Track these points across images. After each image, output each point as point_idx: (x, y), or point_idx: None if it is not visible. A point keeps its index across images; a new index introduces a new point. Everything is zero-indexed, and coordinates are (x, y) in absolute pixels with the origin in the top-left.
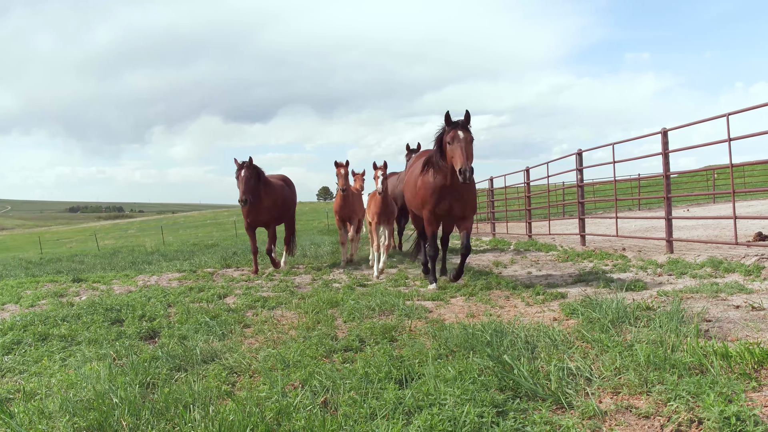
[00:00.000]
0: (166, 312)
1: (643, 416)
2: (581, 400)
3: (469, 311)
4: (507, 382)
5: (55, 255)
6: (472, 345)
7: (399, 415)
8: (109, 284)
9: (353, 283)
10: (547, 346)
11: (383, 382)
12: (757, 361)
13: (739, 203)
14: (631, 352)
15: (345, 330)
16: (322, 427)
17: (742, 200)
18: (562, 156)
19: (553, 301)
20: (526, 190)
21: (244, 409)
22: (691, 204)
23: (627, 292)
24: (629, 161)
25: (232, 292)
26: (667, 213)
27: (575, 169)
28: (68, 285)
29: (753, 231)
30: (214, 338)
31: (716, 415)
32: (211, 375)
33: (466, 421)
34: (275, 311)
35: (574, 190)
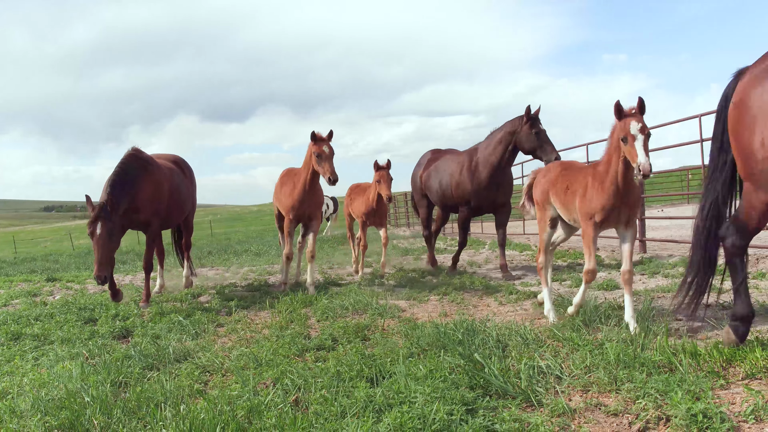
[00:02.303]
0: (139, 311)
1: (612, 414)
2: (551, 398)
3: (442, 310)
4: (478, 380)
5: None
6: (443, 344)
7: (369, 413)
8: (83, 284)
9: (327, 283)
10: (518, 345)
11: (355, 380)
12: (726, 359)
13: None
14: (602, 350)
15: (318, 329)
16: (293, 425)
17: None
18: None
19: (526, 301)
20: None
21: (216, 407)
22: (665, 204)
23: (599, 291)
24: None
25: (206, 291)
26: (641, 213)
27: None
28: (42, 284)
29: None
30: (187, 337)
31: (683, 413)
32: (183, 374)
33: (436, 419)
34: (249, 310)
35: None
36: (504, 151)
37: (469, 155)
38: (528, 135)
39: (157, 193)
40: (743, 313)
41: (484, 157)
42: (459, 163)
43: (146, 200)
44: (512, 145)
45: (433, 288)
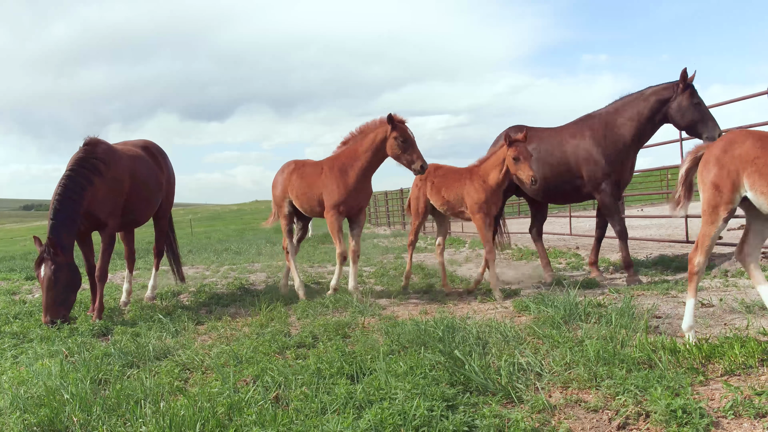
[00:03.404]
0: (119, 309)
1: (591, 410)
2: (531, 394)
3: (422, 308)
4: (458, 377)
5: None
6: (424, 341)
7: (350, 410)
8: None
9: (308, 281)
10: (499, 342)
11: (335, 377)
12: (705, 355)
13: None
14: (582, 347)
15: (299, 327)
16: (273, 421)
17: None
18: None
19: (506, 299)
20: None
21: (196, 404)
22: (645, 204)
23: (579, 289)
24: None
25: (186, 290)
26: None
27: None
28: (21, 283)
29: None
30: (167, 335)
31: (663, 408)
32: (163, 371)
33: (416, 415)
34: (229, 308)
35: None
36: (644, 123)
37: (590, 124)
38: (687, 106)
39: (113, 191)
40: None
41: (615, 126)
42: (578, 137)
43: (100, 201)
44: (661, 116)
45: (413, 286)
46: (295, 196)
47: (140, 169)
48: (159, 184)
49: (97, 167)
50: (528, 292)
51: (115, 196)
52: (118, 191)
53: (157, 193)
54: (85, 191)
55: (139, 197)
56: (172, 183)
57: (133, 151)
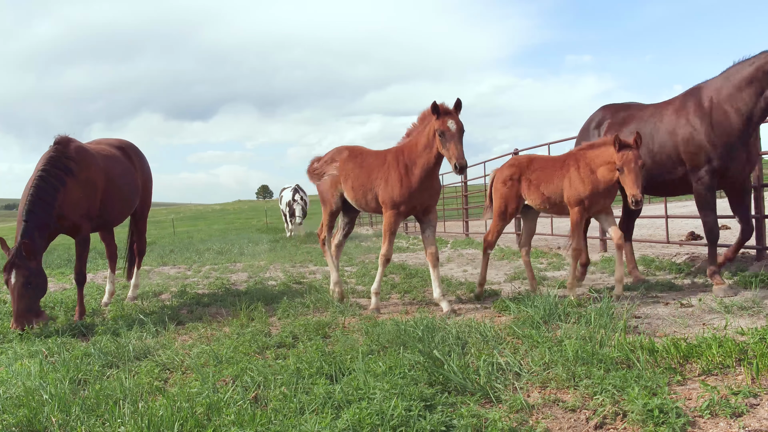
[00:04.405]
0: (100, 309)
1: (569, 410)
2: (509, 394)
3: (403, 308)
4: (437, 377)
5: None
6: (403, 341)
7: (328, 410)
8: None
9: (290, 281)
10: (478, 342)
11: (314, 377)
12: (683, 355)
13: (674, 204)
14: (561, 347)
15: (279, 327)
16: (252, 421)
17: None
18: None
19: (487, 299)
20: (464, 189)
21: (174, 404)
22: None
23: (560, 289)
24: None
25: (167, 290)
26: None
27: None
28: (1, 283)
29: (686, 230)
30: (147, 335)
31: (640, 408)
32: (143, 371)
33: (394, 415)
34: (210, 308)
35: None
36: (759, 96)
37: (695, 98)
38: None
39: (87, 192)
40: None
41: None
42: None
43: (72, 204)
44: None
45: (395, 286)
46: (350, 187)
47: (115, 169)
48: (135, 184)
49: (69, 167)
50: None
51: (88, 197)
52: (92, 192)
53: (134, 194)
54: (58, 192)
55: (114, 198)
56: (150, 183)
57: (106, 151)
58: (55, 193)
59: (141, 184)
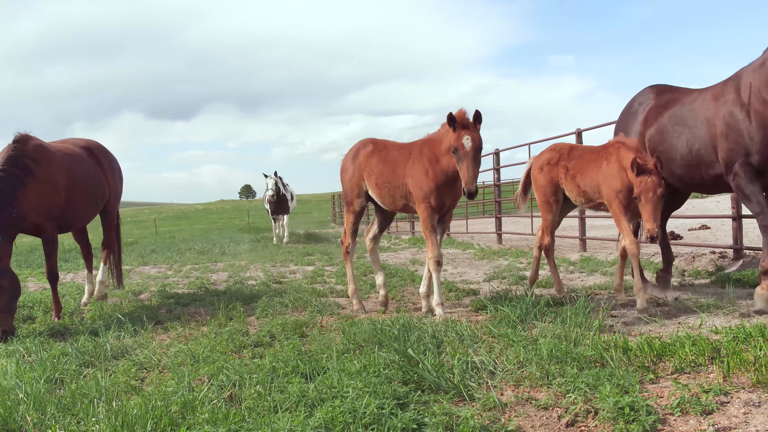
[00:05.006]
0: (79, 309)
1: (542, 407)
2: (483, 392)
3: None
4: (411, 375)
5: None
6: (380, 340)
7: (302, 408)
8: (24, 281)
9: (269, 281)
10: (453, 341)
11: (290, 376)
12: (657, 354)
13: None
14: (536, 346)
15: (257, 326)
16: (225, 419)
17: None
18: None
19: (465, 298)
20: None
21: (149, 402)
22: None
23: (538, 288)
24: None
25: (147, 289)
26: (581, 212)
27: (492, 168)
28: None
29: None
30: (125, 335)
31: (611, 406)
32: (120, 371)
33: (366, 413)
34: (189, 308)
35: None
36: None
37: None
38: None
39: (48, 192)
40: None
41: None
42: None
43: (33, 205)
44: None
45: (374, 285)
46: (374, 184)
47: (78, 168)
48: (100, 184)
49: (28, 167)
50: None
51: (50, 196)
52: (54, 191)
53: (99, 194)
54: (18, 192)
55: (78, 198)
56: (119, 183)
57: (70, 150)
58: (15, 193)
59: (109, 184)
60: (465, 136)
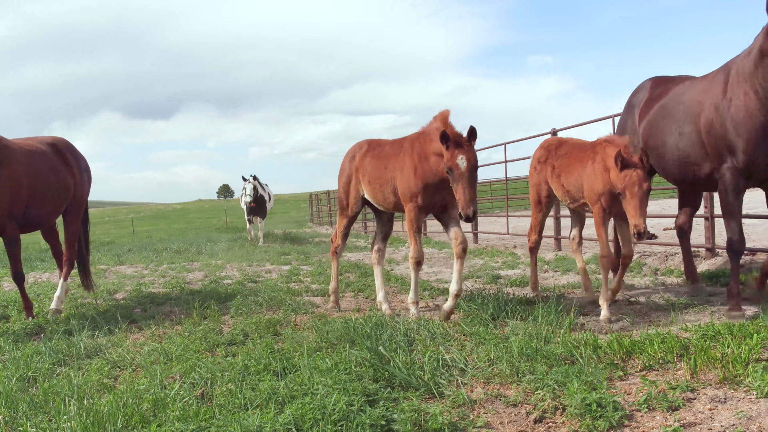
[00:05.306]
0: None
1: (511, 404)
2: (453, 389)
3: (356, 306)
4: (382, 373)
5: None
6: (352, 338)
7: (272, 405)
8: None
9: (245, 280)
10: (425, 339)
11: (262, 374)
12: (626, 351)
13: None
14: (506, 344)
15: (231, 325)
16: (196, 417)
17: None
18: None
19: (439, 297)
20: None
21: (120, 400)
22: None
23: (512, 287)
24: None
25: (122, 289)
26: (556, 212)
27: None
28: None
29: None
30: (100, 334)
31: (578, 402)
32: (93, 369)
33: (335, 409)
34: (164, 307)
35: None
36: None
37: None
38: None
39: (7, 190)
40: None
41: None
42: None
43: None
44: None
45: (349, 285)
46: (367, 182)
47: (41, 166)
48: (65, 183)
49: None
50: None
51: (10, 194)
52: (14, 189)
53: (63, 194)
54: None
55: (40, 196)
56: (85, 183)
57: (33, 147)
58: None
59: (75, 183)
60: (459, 156)
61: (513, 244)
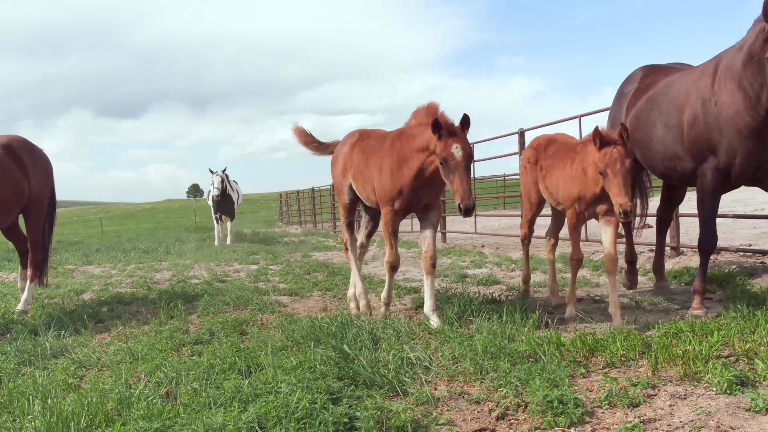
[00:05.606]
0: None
1: (474, 402)
2: (417, 387)
3: (323, 305)
4: (347, 371)
5: None
6: (317, 336)
7: (236, 403)
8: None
9: (213, 279)
10: (390, 338)
11: (227, 372)
12: (589, 349)
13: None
14: (471, 342)
15: (198, 324)
16: (161, 415)
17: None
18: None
19: (406, 296)
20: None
21: (85, 399)
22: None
23: (479, 286)
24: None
25: (90, 288)
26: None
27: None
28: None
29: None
30: (66, 333)
31: (540, 399)
32: (58, 369)
33: (299, 407)
34: (131, 307)
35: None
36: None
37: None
38: None
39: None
40: None
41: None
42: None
43: None
44: None
45: (317, 284)
46: (353, 176)
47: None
48: (17, 186)
49: None
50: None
51: None
52: None
53: (15, 197)
54: None
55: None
56: (45, 183)
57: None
58: None
59: (30, 185)
60: (454, 145)
61: (481, 244)
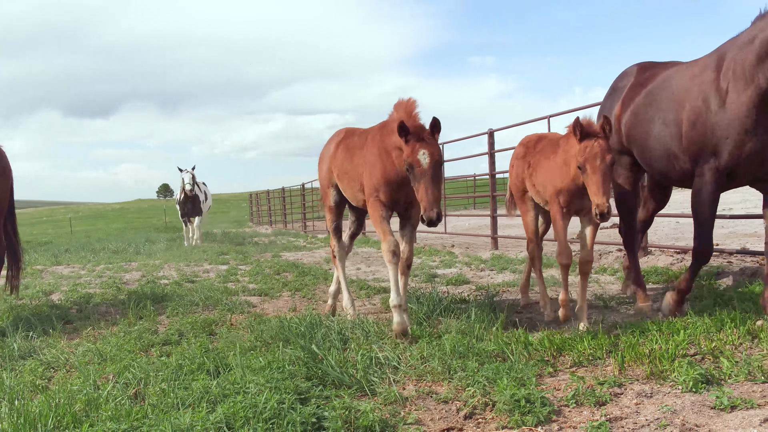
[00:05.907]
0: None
1: (442, 401)
2: (385, 387)
3: (292, 305)
4: (315, 371)
5: None
6: (286, 337)
7: (204, 404)
8: None
9: (182, 280)
10: (359, 338)
11: (195, 373)
12: (557, 348)
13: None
14: (439, 342)
15: (167, 324)
16: (128, 416)
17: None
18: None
19: (376, 296)
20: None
21: (52, 401)
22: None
23: (448, 286)
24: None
25: (58, 289)
26: (492, 211)
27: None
28: None
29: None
30: (34, 334)
31: (507, 398)
32: (26, 370)
33: (267, 408)
34: (100, 307)
35: None
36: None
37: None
38: None
39: None
40: None
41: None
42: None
43: None
44: None
45: (286, 284)
46: (337, 175)
47: None
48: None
49: None
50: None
51: None
52: None
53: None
54: None
55: None
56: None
57: None
58: None
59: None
60: (421, 151)
61: (451, 243)
